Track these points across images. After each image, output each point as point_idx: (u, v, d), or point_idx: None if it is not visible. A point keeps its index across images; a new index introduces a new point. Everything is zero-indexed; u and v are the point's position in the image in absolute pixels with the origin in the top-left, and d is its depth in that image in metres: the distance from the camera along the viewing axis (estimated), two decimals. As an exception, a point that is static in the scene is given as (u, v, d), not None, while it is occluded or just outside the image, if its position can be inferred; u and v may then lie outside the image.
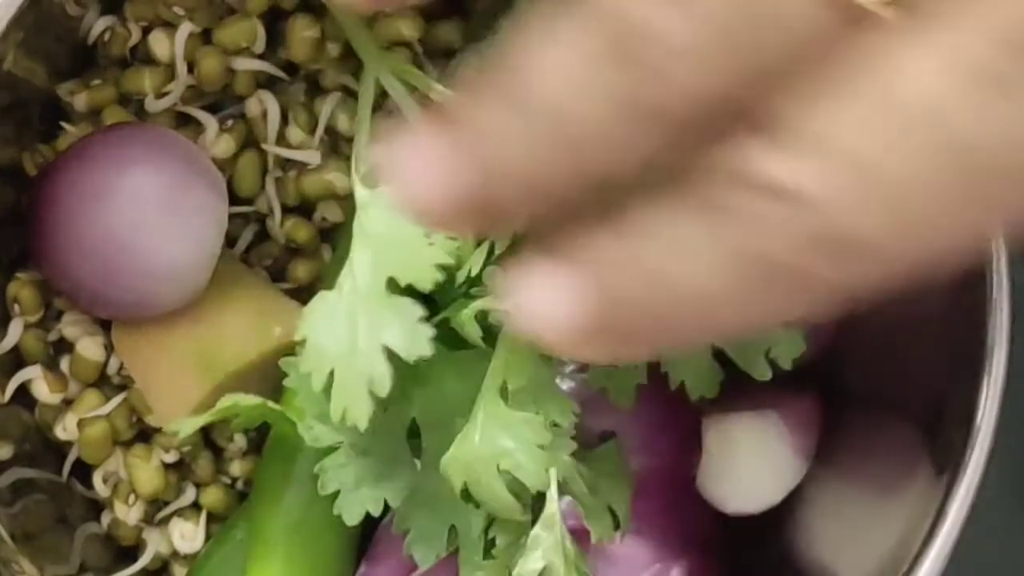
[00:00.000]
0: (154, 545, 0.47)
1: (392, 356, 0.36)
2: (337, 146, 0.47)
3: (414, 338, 0.36)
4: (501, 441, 0.38)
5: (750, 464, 0.46)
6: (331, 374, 0.37)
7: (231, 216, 0.45)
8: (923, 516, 0.40)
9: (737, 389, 0.47)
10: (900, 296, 0.23)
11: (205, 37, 0.47)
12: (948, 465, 0.40)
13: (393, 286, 0.37)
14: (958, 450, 0.40)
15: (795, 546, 0.47)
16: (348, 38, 0.44)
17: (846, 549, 0.44)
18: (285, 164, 0.47)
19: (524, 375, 0.38)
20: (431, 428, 0.40)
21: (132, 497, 0.46)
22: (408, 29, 0.46)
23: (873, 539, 0.42)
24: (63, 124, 0.46)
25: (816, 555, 0.46)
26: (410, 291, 0.37)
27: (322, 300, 0.38)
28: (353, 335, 0.37)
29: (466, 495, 0.38)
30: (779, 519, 0.47)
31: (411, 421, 0.40)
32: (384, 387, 0.36)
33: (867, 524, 0.43)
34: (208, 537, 0.47)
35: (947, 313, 0.42)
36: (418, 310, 0.37)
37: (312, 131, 0.47)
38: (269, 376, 0.43)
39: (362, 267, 0.38)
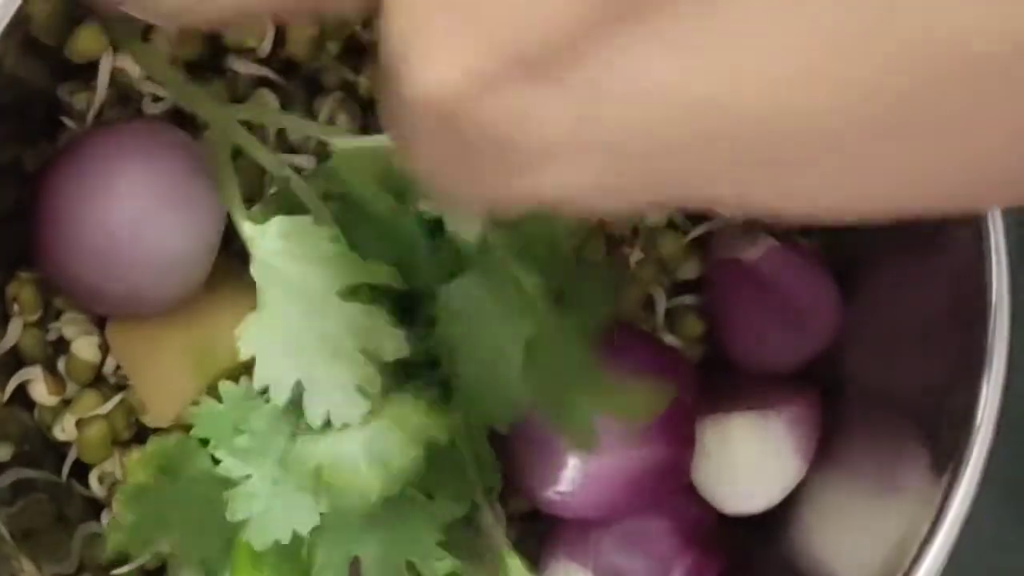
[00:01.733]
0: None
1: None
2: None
3: (393, 340, 0.39)
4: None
5: (749, 464, 0.46)
6: (297, 384, 0.38)
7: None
8: (923, 515, 0.40)
9: (735, 388, 0.47)
10: (901, 296, 0.23)
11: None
12: (948, 465, 0.40)
13: (350, 294, 0.39)
14: (958, 450, 0.40)
15: (795, 545, 0.47)
16: (188, 104, 0.44)
17: (847, 548, 0.44)
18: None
19: None
20: None
21: (131, 497, 0.46)
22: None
23: (873, 538, 0.42)
24: (64, 121, 0.46)
25: (816, 555, 0.46)
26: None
27: (260, 320, 0.39)
28: (323, 344, 0.38)
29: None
30: (779, 519, 0.47)
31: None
32: (376, 384, 0.38)
33: (867, 524, 0.43)
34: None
35: (947, 314, 0.42)
36: (386, 315, 0.39)
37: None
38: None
39: (301, 281, 0.39)
